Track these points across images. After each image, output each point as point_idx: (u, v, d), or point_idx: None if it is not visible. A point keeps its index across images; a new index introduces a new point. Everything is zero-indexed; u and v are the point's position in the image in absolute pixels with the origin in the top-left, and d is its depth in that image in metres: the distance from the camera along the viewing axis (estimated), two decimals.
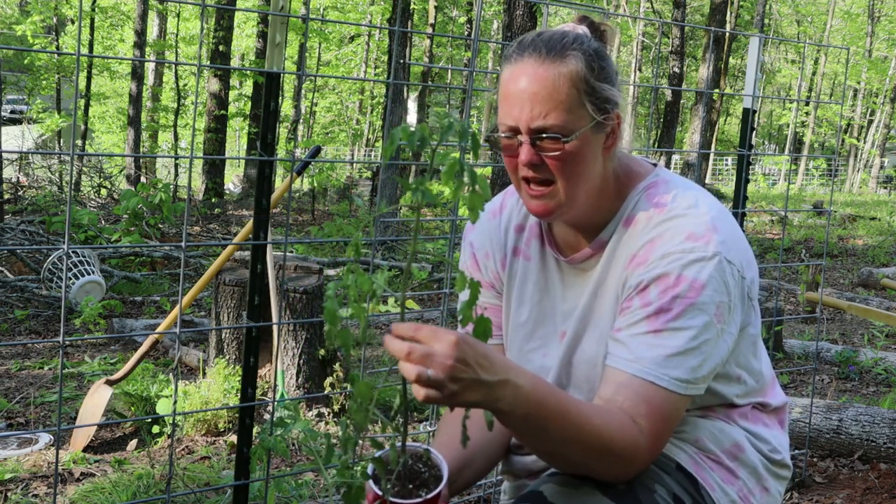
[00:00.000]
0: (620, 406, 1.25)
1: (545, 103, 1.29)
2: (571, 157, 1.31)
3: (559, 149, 1.30)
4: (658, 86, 4.26)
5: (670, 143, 17.69)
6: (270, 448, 1.76)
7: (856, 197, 22.68)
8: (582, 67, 1.30)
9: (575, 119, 1.30)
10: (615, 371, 1.28)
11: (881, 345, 5.57)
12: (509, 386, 1.12)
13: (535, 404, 1.15)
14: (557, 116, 1.29)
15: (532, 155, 1.31)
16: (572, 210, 1.37)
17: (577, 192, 1.34)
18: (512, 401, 1.12)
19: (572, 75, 1.30)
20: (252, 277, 1.92)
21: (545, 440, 1.19)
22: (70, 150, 7.89)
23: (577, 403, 1.22)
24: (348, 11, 25.10)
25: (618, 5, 26.62)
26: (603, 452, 1.21)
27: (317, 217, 13.17)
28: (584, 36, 1.35)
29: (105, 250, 7.16)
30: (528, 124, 1.30)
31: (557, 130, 1.29)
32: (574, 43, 1.32)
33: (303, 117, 26.01)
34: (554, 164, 1.31)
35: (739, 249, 1.33)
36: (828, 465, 3.15)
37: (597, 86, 1.31)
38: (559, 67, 1.30)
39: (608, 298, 1.39)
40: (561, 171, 1.32)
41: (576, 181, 1.33)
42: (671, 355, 1.26)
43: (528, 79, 1.30)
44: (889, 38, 32.60)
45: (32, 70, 17.95)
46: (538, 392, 1.16)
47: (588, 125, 1.31)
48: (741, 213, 2.84)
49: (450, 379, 1.06)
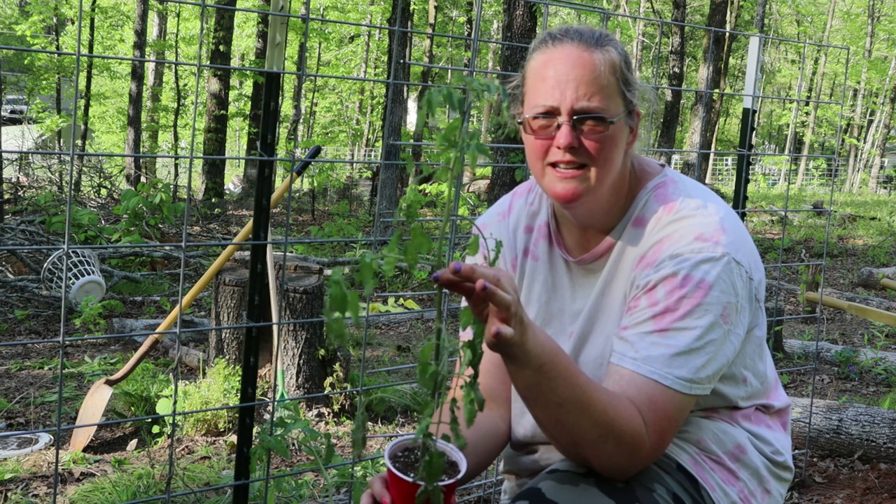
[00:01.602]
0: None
1: (590, 85, 1.31)
2: (610, 142, 1.33)
3: (601, 131, 1.32)
4: (658, 86, 4.25)
5: (670, 143, 17.69)
6: (270, 448, 1.76)
7: (856, 197, 22.67)
8: (619, 59, 1.34)
9: (614, 106, 1.33)
10: (620, 369, 1.28)
11: (881, 345, 5.57)
12: (531, 330, 1.15)
13: (550, 355, 1.17)
14: (601, 100, 1.31)
15: (572, 137, 1.32)
16: (596, 199, 1.37)
17: (606, 179, 1.36)
18: (531, 346, 1.15)
19: (613, 63, 1.33)
20: (252, 277, 1.92)
21: (552, 399, 1.19)
22: (70, 150, 7.89)
23: (588, 376, 1.24)
24: (348, 11, 25.09)
25: (618, 5, 26.62)
26: (607, 430, 1.20)
27: (317, 217, 13.17)
28: (613, 36, 1.39)
29: (105, 250, 7.16)
30: (573, 104, 1.31)
31: (601, 112, 1.31)
32: (608, 37, 1.36)
33: (303, 117, 26.01)
34: (594, 146, 1.33)
35: (747, 251, 1.34)
36: (828, 465, 3.15)
37: (630, 78, 1.35)
38: (602, 55, 1.33)
39: (616, 298, 1.39)
40: (598, 153, 1.33)
41: (609, 167, 1.35)
42: (676, 354, 1.26)
43: (573, 61, 1.32)
44: (889, 38, 32.59)
45: (32, 70, 17.95)
46: (554, 346, 1.20)
47: (622, 114, 1.34)
48: (741, 213, 2.84)
49: (515, 305, 1.10)
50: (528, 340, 1.14)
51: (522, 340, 1.13)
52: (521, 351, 1.14)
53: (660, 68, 18.01)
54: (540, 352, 1.16)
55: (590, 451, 1.24)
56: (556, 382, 1.18)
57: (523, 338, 1.13)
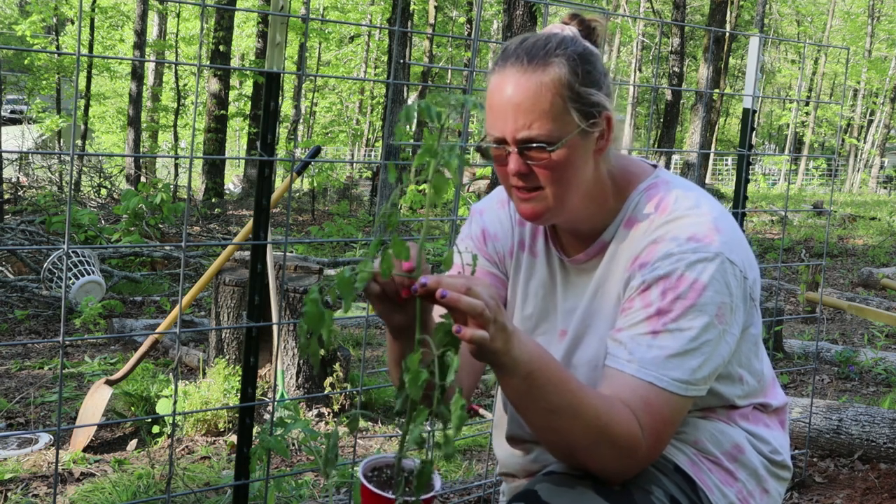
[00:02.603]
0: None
1: (529, 113, 1.28)
2: (559, 165, 1.30)
3: (545, 158, 1.29)
4: (658, 86, 4.26)
5: (670, 143, 17.69)
6: (270, 448, 1.76)
7: (856, 197, 22.66)
8: (565, 73, 1.29)
9: (560, 127, 1.29)
10: (615, 371, 1.28)
11: (881, 345, 5.57)
12: (517, 338, 1.15)
13: (539, 363, 1.17)
14: (542, 126, 1.28)
15: (520, 165, 1.31)
16: (564, 214, 1.37)
17: (567, 198, 1.34)
18: (518, 354, 1.14)
19: (555, 83, 1.28)
20: (252, 277, 1.92)
21: (543, 406, 1.19)
22: (70, 150, 7.89)
23: (579, 381, 1.23)
24: (348, 11, 25.11)
25: (618, 5, 26.62)
26: (601, 435, 1.20)
27: (317, 217, 13.18)
28: (568, 39, 1.33)
29: (105, 250, 7.16)
30: (514, 135, 1.29)
31: (543, 140, 1.28)
32: (558, 48, 1.30)
33: (303, 117, 26.01)
34: (542, 172, 1.31)
35: (741, 250, 1.33)
36: (828, 465, 3.15)
37: (582, 91, 1.29)
38: (541, 76, 1.28)
39: (609, 300, 1.39)
40: (549, 179, 1.32)
41: (565, 187, 1.33)
42: (671, 356, 1.25)
43: (511, 89, 1.29)
44: (889, 38, 32.59)
45: (32, 70, 17.97)
46: (543, 353, 1.19)
47: (575, 131, 1.30)
48: (741, 213, 2.84)
49: (494, 318, 1.10)
50: (513, 348, 1.14)
51: (507, 348, 1.13)
52: (507, 359, 1.14)
53: (660, 68, 18.01)
54: (528, 359, 1.15)
55: (585, 455, 1.23)
56: (545, 390, 1.18)
57: (508, 345, 1.13)
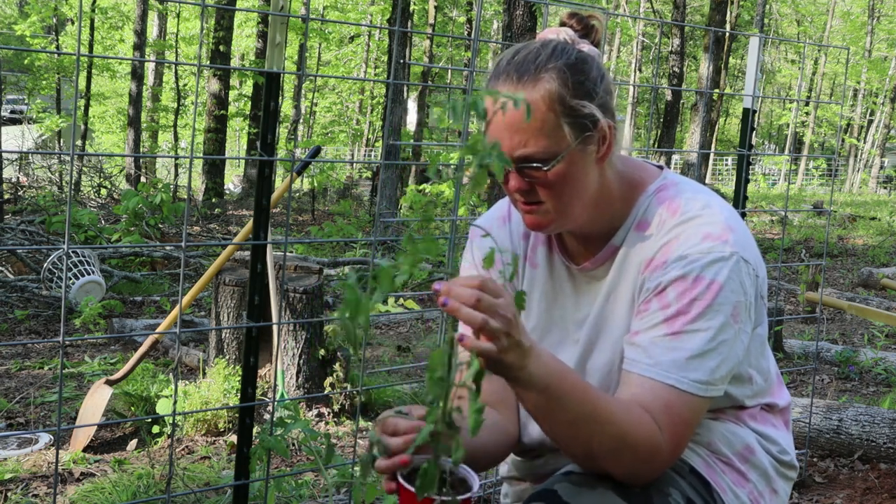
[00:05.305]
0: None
1: (523, 132, 1.27)
2: (558, 181, 1.30)
3: (542, 175, 1.30)
4: (658, 86, 4.26)
5: (670, 143, 17.69)
6: (270, 448, 1.76)
7: (856, 197, 22.67)
8: (556, 88, 1.27)
9: (555, 142, 1.28)
10: (634, 375, 1.27)
11: (881, 345, 5.57)
12: (534, 353, 1.14)
13: (556, 376, 1.16)
14: (537, 143, 1.27)
15: (520, 182, 1.31)
16: (568, 223, 1.37)
17: (570, 209, 1.34)
18: (535, 370, 1.14)
19: (545, 99, 1.27)
20: (252, 277, 1.92)
21: (563, 418, 1.18)
22: (70, 150, 7.89)
23: (597, 390, 1.23)
24: (348, 11, 25.10)
25: (618, 5, 26.62)
26: (620, 442, 1.20)
27: (317, 217, 13.17)
28: (559, 49, 1.31)
29: (105, 250, 7.16)
30: (511, 153, 1.29)
31: (539, 157, 1.28)
32: (549, 61, 1.29)
33: (303, 117, 26.01)
34: (542, 188, 1.31)
35: (753, 248, 1.34)
36: (828, 465, 3.15)
37: (574, 104, 1.28)
38: (532, 93, 1.27)
39: (622, 304, 1.38)
40: (549, 194, 1.32)
41: (567, 200, 1.33)
42: (691, 358, 1.25)
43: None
44: (889, 38, 32.58)
45: (32, 70, 17.98)
46: (560, 366, 1.19)
47: (572, 144, 1.29)
48: (741, 214, 2.84)
49: (506, 333, 1.08)
50: (529, 364, 1.13)
51: (523, 363, 1.12)
52: (523, 374, 1.13)
53: (660, 68, 18.00)
54: (545, 373, 1.15)
55: (607, 463, 1.23)
56: (564, 402, 1.17)
57: (523, 360, 1.12)
